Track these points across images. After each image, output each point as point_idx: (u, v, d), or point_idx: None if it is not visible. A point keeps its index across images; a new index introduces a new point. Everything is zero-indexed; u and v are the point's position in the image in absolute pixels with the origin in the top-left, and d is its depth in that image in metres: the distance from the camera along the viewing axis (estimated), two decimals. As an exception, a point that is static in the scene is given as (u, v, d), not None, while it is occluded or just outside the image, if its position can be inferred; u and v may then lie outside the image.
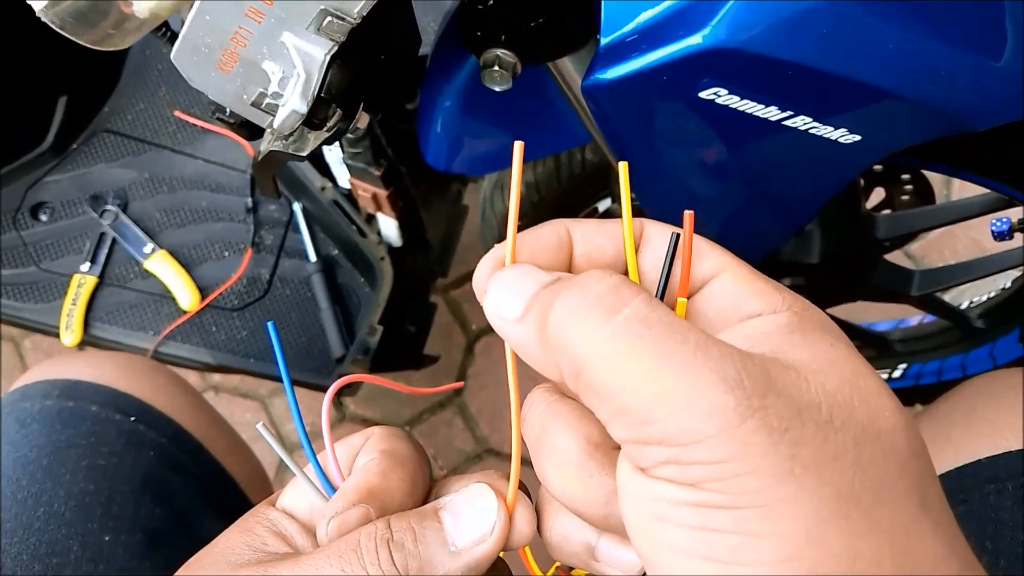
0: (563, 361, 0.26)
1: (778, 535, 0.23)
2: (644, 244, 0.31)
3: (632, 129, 0.54)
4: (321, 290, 1.04)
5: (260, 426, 0.34)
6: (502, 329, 0.29)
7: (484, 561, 0.30)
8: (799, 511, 0.23)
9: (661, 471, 0.25)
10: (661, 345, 0.24)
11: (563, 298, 0.26)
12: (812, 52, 0.47)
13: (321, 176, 1.01)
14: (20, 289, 1.07)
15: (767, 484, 0.23)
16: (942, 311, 0.97)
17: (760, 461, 0.23)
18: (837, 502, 0.23)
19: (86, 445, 0.60)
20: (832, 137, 0.52)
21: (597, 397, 0.26)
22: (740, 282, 0.29)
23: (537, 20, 0.50)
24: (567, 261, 0.31)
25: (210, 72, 0.41)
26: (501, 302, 0.28)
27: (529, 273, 0.28)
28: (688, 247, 0.29)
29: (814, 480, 0.23)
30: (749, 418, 0.23)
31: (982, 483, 0.51)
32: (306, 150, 0.45)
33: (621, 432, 0.25)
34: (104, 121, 1.14)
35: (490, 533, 0.30)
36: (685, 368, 0.24)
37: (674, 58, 0.48)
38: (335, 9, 0.36)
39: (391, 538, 0.30)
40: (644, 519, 0.25)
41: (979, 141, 0.59)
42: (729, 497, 0.23)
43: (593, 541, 0.30)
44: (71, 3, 0.44)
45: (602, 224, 0.31)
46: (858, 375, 0.26)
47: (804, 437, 0.24)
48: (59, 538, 0.54)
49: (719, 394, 0.24)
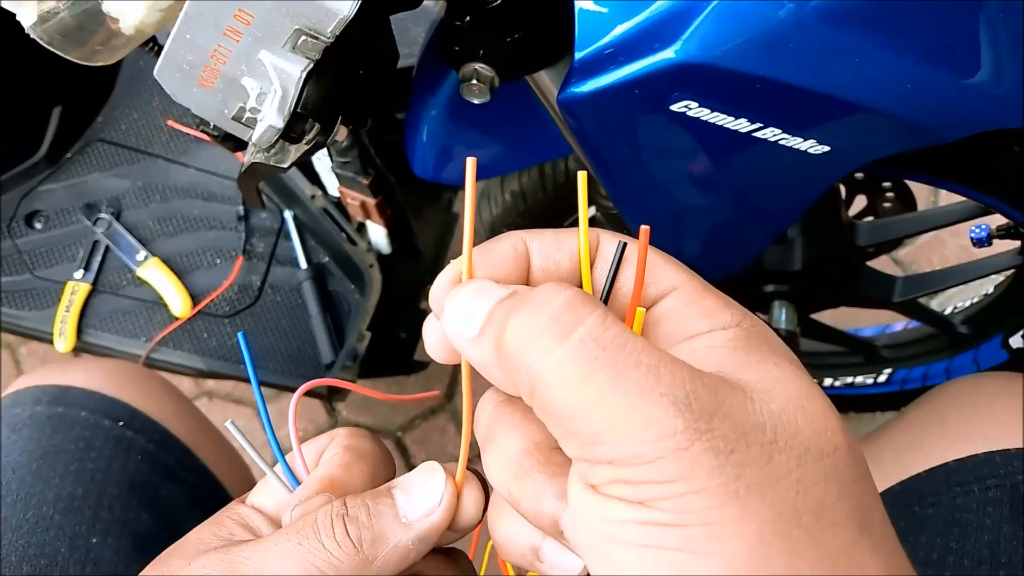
0: (519, 380, 0.27)
1: (722, 554, 0.23)
2: (599, 257, 0.31)
3: (607, 141, 0.55)
4: (311, 297, 1.06)
5: (229, 423, 0.35)
6: (462, 349, 0.29)
7: (433, 532, 0.32)
8: (743, 530, 0.23)
9: (611, 489, 0.25)
10: (613, 369, 0.25)
11: (517, 316, 0.26)
12: (780, 67, 0.48)
13: (311, 185, 1.02)
14: (14, 296, 1.08)
15: (712, 504, 0.24)
16: (926, 317, 0.98)
17: (706, 481, 0.24)
18: (779, 523, 0.24)
19: (75, 450, 0.61)
20: (802, 148, 0.53)
21: (550, 417, 0.26)
22: (691, 298, 0.30)
23: (513, 35, 0.51)
24: (525, 274, 0.31)
25: (192, 88, 0.42)
26: (458, 320, 0.28)
27: (484, 289, 0.28)
28: (642, 260, 0.29)
29: (757, 501, 0.24)
30: (697, 440, 0.24)
31: (951, 486, 0.52)
32: (287, 162, 0.46)
33: (573, 451, 0.26)
34: (98, 131, 1.16)
35: (438, 505, 0.32)
36: (637, 393, 0.24)
37: (646, 72, 0.49)
38: (309, 29, 0.38)
39: (346, 513, 0.31)
40: (594, 536, 0.26)
41: (952, 151, 0.61)
42: (676, 515, 0.24)
43: (538, 542, 0.30)
44: (58, 21, 0.45)
45: (559, 235, 0.31)
46: (802, 396, 0.26)
47: (748, 458, 0.24)
48: (48, 540, 0.55)
49: (668, 418, 0.24)
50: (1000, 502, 0.49)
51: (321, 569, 0.30)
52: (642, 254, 0.29)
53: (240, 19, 0.37)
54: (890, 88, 0.50)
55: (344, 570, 0.30)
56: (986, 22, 0.49)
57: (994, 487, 0.50)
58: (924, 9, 0.48)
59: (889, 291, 0.92)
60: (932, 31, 0.49)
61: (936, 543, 0.49)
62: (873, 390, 1.07)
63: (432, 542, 0.32)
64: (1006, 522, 0.48)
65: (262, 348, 1.05)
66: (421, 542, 0.32)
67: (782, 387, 0.26)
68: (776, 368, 0.27)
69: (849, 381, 1.09)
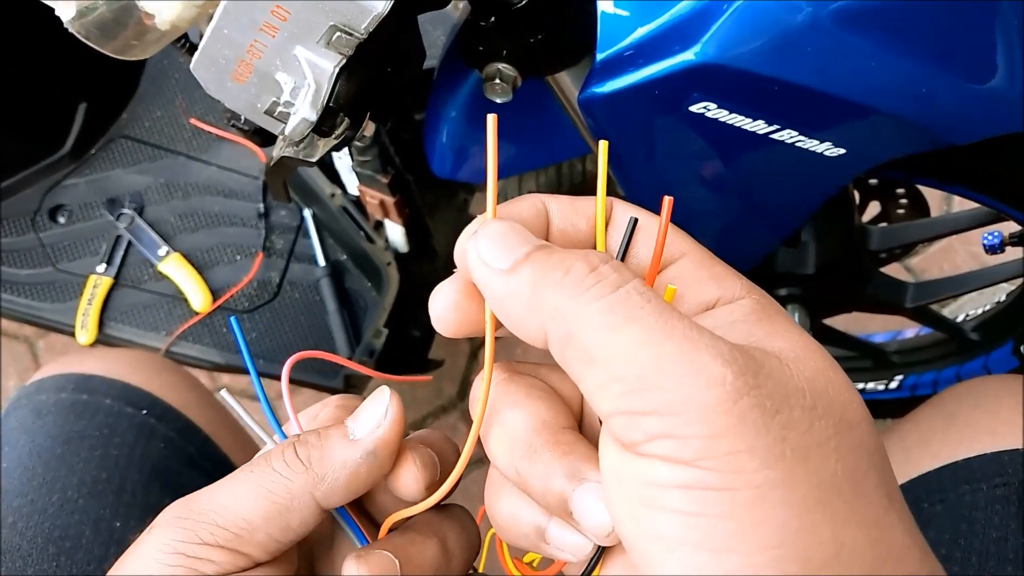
0: (553, 325, 0.25)
1: (772, 522, 0.22)
2: (611, 225, 0.31)
3: (626, 141, 0.56)
4: (329, 294, 1.07)
5: (223, 393, 0.36)
6: (485, 279, 0.27)
7: (382, 446, 0.32)
8: (791, 497, 0.22)
9: (653, 447, 0.24)
10: (659, 318, 0.24)
11: (561, 262, 0.26)
12: (797, 69, 0.49)
13: (331, 183, 1.04)
14: (37, 289, 1.10)
15: (759, 465, 0.22)
16: (937, 323, 0.99)
17: (754, 440, 0.23)
18: (822, 490, 0.23)
19: (99, 436, 0.62)
20: (818, 150, 0.54)
21: (588, 364, 0.25)
22: (701, 263, 0.29)
23: (536, 36, 0.52)
24: (544, 233, 0.31)
25: (226, 82, 0.43)
26: (491, 251, 0.27)
27: (520, 231, 0.28)
28: (663, 234, 0.29)
29: (802, 466, 0.23)
30: (745, 395, 0.23)
31: (959, 484, 0.53)
32: (315, 156, 0.48)
33: (611, 403, 0.24)
34: (122, 127, 1.18)
35: (384, 418, 0.32)
36: (683, 339, 0.24)
37: (666, 73, 0.50)
38: (344, 25, 0.39)
39: (297, 440, 0.32)
40: (631, 504, 0.24)
41: (965, 155, 0.62)
42: (724, 477, 0.23)
43: (543, 523, 0.29)
44: (96, 16, 0.47)
45: (576, 201, 0.31)
46: (828, 366, 0.26)
47: (791, 421, 0.23)
48: (72, 523, 0.56)
49: (717, 367, 0.23)
50: (1008, 500, 0.50)
51: (271, 490, 0.31)
52: (664, 226, 0.29)
53: (277, 15, 0.39)
54: (907, 92, 0.50)
55: (294, 489, 0.31)
56: (1001, 26, 0.50)
57: (1002, 485, 0.51)
58: (941, 13, 0.48)
59: (901, 296, 0.92)
60: (948, 35, 0.49)
61: (944, 539, 0.50)
62: (884, 396, 1.08)
63: (383, 461, 0.32)
64: (1013, 519, 0.49)
65: (280, 344, 1.07)
66: (370, 457, 0.32)
67: (811, 356, 0.26)
68: (800, 337, 0.27)
69: (860, 387, 1.09)
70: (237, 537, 0.31)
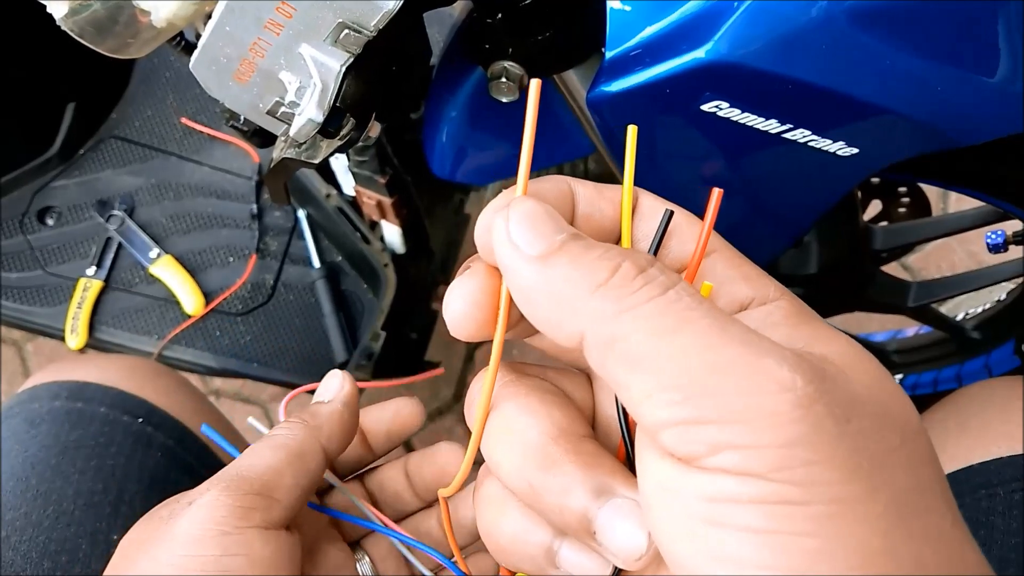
0: (593, 327, 0.23)
1: (853, 538, 0.20)
2: (638, 215, 0.29)
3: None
4: (325, 296, 1.05)
5: (251, 420, 0.43)
6: (514, 264, 0.24)
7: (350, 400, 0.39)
8: (872, 512, 0.20)
9: (716, 460, 0.21)
10: (714, 321, 0.22)
11: (605, 260, 0.23)
12: (810, 68, 0.48)
13: (326, 183, 1.02)
14: (26, 292, 1.08)
15: (838, 478, 0.20)
16: (938, 323, 0.98)
17: (831, 450, 0.20)
18: (898, 505, 0.21)
19: (95, 445, 0.61)
20: (830, 150, 0.53)
21: (636, 369, 0.22)
22: (731, 262, 0.28)
23: (544, 34, 0.51)
24: (570, 217, 0.28)
25: (227, 82, 0.42)
26: (524, 234, 0.24)
27: (554, 215, 0.25)
28: (708, 229, 0.26)
29: (878, 478, 0.21)
30: (817, 401, 0.21)
31: (975, 488, 0.52)
32: (318, 158, 0.46)
33: (663, 412, 0.22)
34: (112, 127, 1.16)
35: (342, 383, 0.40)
36: (743, 344, 0.21)
37: (677, 72, 0.49)
38: (352, 22, 0.38)
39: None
40: (689, 523, 0.22)
41: (972, 155, 0.61)
42: (802, 490, 0.20)
43: (554, 544, 0.26)
44: (90, 13, 0.46)
45: (601, 188, 0.29)
46: (883, 373, 0.24)
47: (863, 429, 0.21)
48: (68, 536, 0.55)
49: (784, 371, 0.21)
50: (1027, 504, 0.49)
51: (285, 443, 0.36)
52: (711, 222, 0.26)
53: (282, 12, 0.38)
54: (920, 91, 0.50)
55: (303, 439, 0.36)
56: (1015, 26, 0.49)
57: (1019, 489, 0.50)
58: (955, 12, 0.48)
59: (903, 296, 0.92)
60: (963, 35, 0.49)
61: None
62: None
63: (354, 410, 0.39)
64: (1033, 524, 0.48)
65: (275, 347, 1.05)
66: (346, 408, 0.39)
67: (863, 362, 0.24)
68: (849, 343, 0.24)
69: (860, 386, 1.09)
70: (268, 484, 0.34)
